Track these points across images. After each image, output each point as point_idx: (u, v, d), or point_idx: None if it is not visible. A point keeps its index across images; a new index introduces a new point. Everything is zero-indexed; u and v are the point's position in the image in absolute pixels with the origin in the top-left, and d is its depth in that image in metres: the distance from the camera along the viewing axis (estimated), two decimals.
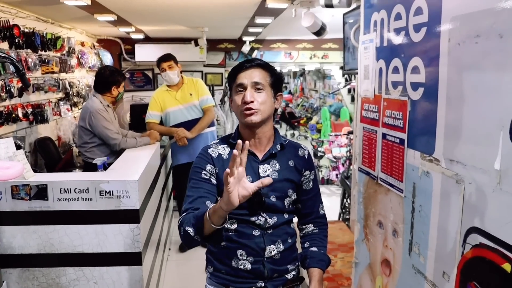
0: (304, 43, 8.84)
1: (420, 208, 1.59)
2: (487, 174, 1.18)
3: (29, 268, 2.73)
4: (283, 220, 1.86)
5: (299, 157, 1.92)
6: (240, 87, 1.77)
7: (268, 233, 1.82)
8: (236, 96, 1.79)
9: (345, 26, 3.72)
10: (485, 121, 1.19)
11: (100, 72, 4.05)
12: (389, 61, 1.79)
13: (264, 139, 1.84)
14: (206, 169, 1.80)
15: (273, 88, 1.81)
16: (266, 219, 1.81)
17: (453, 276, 1.37)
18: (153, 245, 3.30)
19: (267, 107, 1.78)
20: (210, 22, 6.25)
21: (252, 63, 1.79)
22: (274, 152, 1.84)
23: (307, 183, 1.95)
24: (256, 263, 1.80)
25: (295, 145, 1.96)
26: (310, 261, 1.89)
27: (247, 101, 1.73)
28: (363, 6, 2.11)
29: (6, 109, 4.23)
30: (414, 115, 1.61)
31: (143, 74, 8.54)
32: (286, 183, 1.86)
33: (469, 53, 1.26)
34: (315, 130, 11.03)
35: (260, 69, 1.79)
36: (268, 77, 1.79)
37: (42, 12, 5.03)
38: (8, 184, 2.60)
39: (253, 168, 1.81)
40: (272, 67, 1.84)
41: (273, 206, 1.83)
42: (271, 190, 1.81)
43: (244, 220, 1.81)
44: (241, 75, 1.78)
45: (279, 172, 1.84)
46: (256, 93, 1.75)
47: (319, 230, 2.01)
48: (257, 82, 1.76)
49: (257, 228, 1.81)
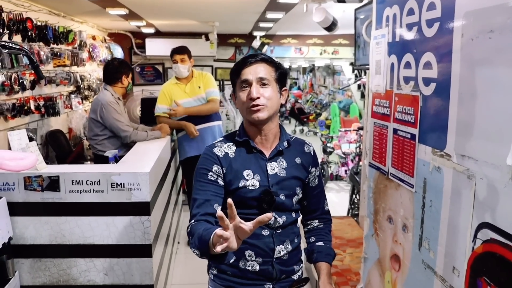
0: (315, 39, 8.82)
1: (431, 203, 1.59)
2: (499, 169, 1.18)
3: (41, 258, 2.76)
4: (291, 220, 1.85)
5: (305, 154, 1.91)
6: (245, 83, 1.73)
7: (277, 233, 1.80)
8: (240, 93, 1.75)
9: (357, 22, 3.71)
10: (497, 117, 1.19)
11: (109, 64, 4.08)
12: (401, 56, 1.79)
13: (271, 136, 1.82)
14: (212, 170, 1.76)
15: (278, 83, 1.78)
16: (276, 218, 1.79)
17: (463, 272, 1.37)
18: (162, 238, 3.33)
19: (274, 102, 1.75)
20: (221, 16, 6.25)
21: (256, 58, 1.75)
22: (281, 149, 1.82)
23: (313, 180, 1.94)
24: (265, 264, 1.78)
25: (301, 142, 1.95)
26: (318, 255, 1.89)
27: (253, 97, 1.70)
28: (376, 1, 2.11)
29: (19, 102, 4.27)
30: (425, 110, 1.61)
31: (154, 68, 8.57)
32: (294, 181, 1.84)
33: (482, 49, 1.25)
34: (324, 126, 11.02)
35: (265, 63, 1.76)
36: (273, 72, 1.76)
37: (55, 5, 5.06)
38: (21, 175, 2.63)
39: (260, 166, 1.79)
40: (276, 61, 1.81)
41: (282, 205, 1.81)
42: (280, 189, 1.79)
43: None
44: (245, 70, 1.74)
45: (286, 170, 1.82)
46: (262, 89, 1.72)
47: (324, 225, 2.02)
48: (262, 77, 1.72)
49: (267, 227, 1.78)
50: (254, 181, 1.76)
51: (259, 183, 1.76)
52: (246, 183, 1.75)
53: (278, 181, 1.79)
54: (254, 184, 1.76)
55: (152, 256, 2.79)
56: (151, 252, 2.77)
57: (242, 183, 1.75)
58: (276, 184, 1.78)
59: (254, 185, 1.75)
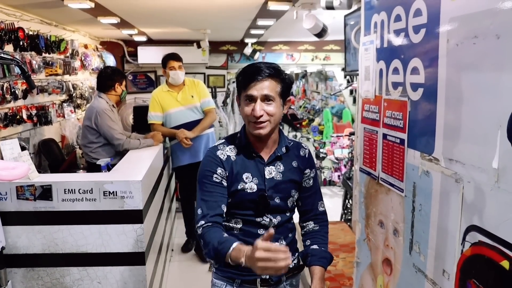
0: (306, 45, 8.87)
1: (420, 207, 1.61)
2: (486, 172, 1.20)
3: (33, 267, 2.75)
4: (285, 219, 1.95)
5: (301, 157, 1.99)
6: (250, 98, 1.78)
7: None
8: (245, 106, 1.80)
9: (346, 28, 3.74)
10: (483, 121, 1.21)
11: (102, 72, 4.08)
12: (389, 62, 1.81)
13: (270, 143, 1.90)
14: (217, 172, 1.83)
15: (282, 97, 1.83)
16: (270, 219, 1.89)
17: (453, 274, 1.39)
18: (156, 246, 3.32)
19: (277, 117, 1.82)
20: (212, 24, 6.27)
21: (263, 75, 1.76)
22: (279, 154, 1.90)
23: (307, 181, 2.01)
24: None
25: (297, 145, 2.02)
26: (311, 259, 1.92)
27: (257, 116, 1.75)
28: (364, 8, 2.13)
29: (11, 111, 4.27)
30: (414, 115, 1.63)
31: (146, 76, 8.57)
32: (290, 184, 1.93)
33: (467, 54, 1.28)
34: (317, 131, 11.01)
35: (271, 80, 1.78)
36: (278, 87, 1.79)
37: (46, 14, 5.06)
38: (13, 185, 2.62)
39: (259, 170, 1.87)
40: (282, 74, 1.82)
41: (278, 207, 1.90)
42: (276, 192, 1.88)
43: (249, 221, 1.89)
44: (252, 86, 1.76)
45: (283, 174, 1.90)
46: (266, 105, 1.77)
47: (319, 227, 2.04)
48: (268, 94, 1.76)
49: (262, 227, 1.88)
50: (252, 184, 1.85)
51: (257, 186, 1.85)
52: (245, 185, 1.85)
53: (274, 185, 1.88)
54: (252, 187, 1.85)
55: (146, 264, 2.79)
56: (144, 260, 2.77)
57: (241, 185, 1.84)
58: (272, 188, 1.88)
59: (252, 188, 1.85)
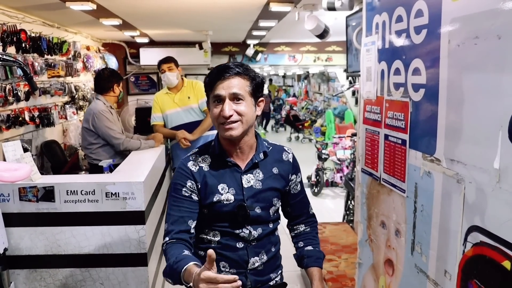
0: (308, 46, 8.87)
1: (422, 207, 1.61)
2: (487, 173, 1.20)
3: (36, 269, 2.75)
4: (268, 231, 1.81)
5: (283, 162, 1.85)
6: (218, 99, 1.65)
7: (252, 245, 1.77)
8: (214, 108, 1.67)
9: (348, 29, 3.75)
10: (484, 121, 1.21)
11: (100, 73, 4.09)
12: (390, 63, 1.81)
13: (246, 148, 1.75)
14: (186, 186, 1.71)
15: (253, 96, 1.69)
16: (250, 232, 1.76)
17: (454, 275, 1.39)
18: (158, 247, 3.32)
19: (248, 117, 1.67)
20: (214, 25, 6.28)
21: (230, 72, 1.65)
22: (256, 161, 1.77)
23: (295, 187, 1.91)
24: (239, 275, 1.68)
25: (279, 149, 1.88)
26: (308, 260, 1.87)
27: (225, 116, 1.62)
28: (365, 9, 2.13)
29: (13, 113, 4.28)
30: (415, 116, 1.63)
31: (148, 78, 8.60)
32: (271, 192, 1.79)
33: (468, 54, 1.28)
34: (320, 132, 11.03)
35: (239, 77, 1.65)
36: (247, 86, 1.67)
37: (49, 16, 5.08)
38: (16, 186, 2.63)
39: (236, 179, 1.74)
40: (252, 72, 1.70)
41: (259, 218, 1.76)
42: (256, 201, 1.75)
43: (227, 233, 1.76)
44: (219, 85, 1.65)
45: (263, 182, 1.77)
46: (235, 105, 1.64)
47: (310, 228, 1.98)
48: (236, 93, 1.64)
49: (241, 240, 1.75)
50: (229, 195, 1.72)
51: (234, 197, 1.72)
52: (221, 197, 1.71)
53: (253, 194, 1.75)
54: (228, 198, 1.72)
55: (148, 265, 2.79)
56: (146, 261, 2.77)
57: (217, 197, 1.71)
58: (251, 197, 1.74)
59: (228, 199, 1.72)
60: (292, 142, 13.16)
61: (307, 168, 7.58)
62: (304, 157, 9.57)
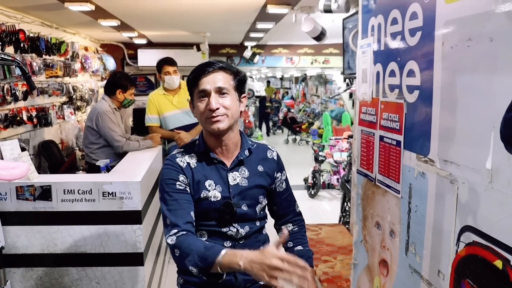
0: (305, 48, 8.90)
1: (416, 208, 1.62)
2: (479, 173, 1.22)
3: (32, 267, 2.76)
4: (255, 229, 1.81)
5: (268, 160, 1.85)
6: (203, 93, 1.67)
7: (240, 244, 1.77)
8: (199, 103, 1.68)
9: (345, 31, 3.77)
10: (477, 122, 1.23)
11: (111, 75, 4.12)
12: (386, 65, 1.83)
13: (231, 145, 1.76)
14: (179, 180, 1.70)
15: (237, 91, 1.73)
16: (237, 230, 1.75)
17: (447, 275, 1.40)
18: (154, 247, 3.33)
19: (234, 111, 1.69)
20: (212, 27, 6.30)
21: (214, 67, 1.68)
22: (242, 158, 1.77)
23: (280, 185, 1.90)
24: (228, 275, 1.65)
25: (263, 148, 1.89)
26: None
27: (212, 109, 1.64)
28: (361, 11, 2.15)
29: (11, 112, 4.29)
30: (410, 117, 1.65)
31: (146, 79, 8.61)
32: (257, 190, 1.80)
33: (461, 56, 1.30)
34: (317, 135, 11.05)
35: (223, 72, 1.69)
36: (231, 80, 1.70)
37: (47, 17, 5.09)
38: (13, 185, 2.64)
39: (222, 177, 1.74)
40: (234, 68, 1.74)
41: (245, 215, 1.76)
42: (242, 199, 1.75)
43: (214, 232, 1.75)
44: (203, 80, 1.67)
45: (248, 179, 1.77)
46: (221, 98, 1.66)
47: (298, 228, 1.96)
48: (221, 87, 1.66)
49: (228, 239, 1.75)
50: (215, 192, 1.72)
51: (221, 194, 1.72)
52: (208, 194, 1.72)
53: (239, 192, 1.75)
54: (216, 195, 1.72)
55: (144, 265, 2.80)
56: (143, 260, 2.78)
57: (204, 194, 1.71)
58: (237, 195, 1.75)
59: (216, 196, 1.72)
60: (289, 144, 13.18)
61: (303, 170, 7.59)
62: (301, 159, 9.61)
